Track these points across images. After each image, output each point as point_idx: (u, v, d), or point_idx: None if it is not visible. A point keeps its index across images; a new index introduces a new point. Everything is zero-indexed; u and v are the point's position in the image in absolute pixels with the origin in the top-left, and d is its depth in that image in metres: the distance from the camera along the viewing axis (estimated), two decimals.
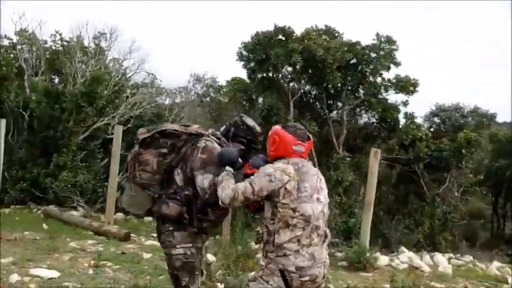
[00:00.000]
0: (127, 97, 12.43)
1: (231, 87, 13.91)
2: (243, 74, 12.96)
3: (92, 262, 5.31)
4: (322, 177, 2.73)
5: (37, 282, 4.58)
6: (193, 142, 2.82)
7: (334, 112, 13.40)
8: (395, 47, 12.50)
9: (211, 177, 2.69)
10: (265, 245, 2.56)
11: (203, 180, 2.70)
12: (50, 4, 25.09)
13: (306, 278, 2.49)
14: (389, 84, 12.80)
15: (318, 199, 2.59)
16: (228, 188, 2.53)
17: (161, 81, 16.39)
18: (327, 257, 2.65)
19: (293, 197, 2.50)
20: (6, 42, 13.08)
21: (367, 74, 12.46)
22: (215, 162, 2.71)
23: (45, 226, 7.59)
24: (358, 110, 13.41)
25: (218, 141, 2.88)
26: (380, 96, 12.83)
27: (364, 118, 13.86)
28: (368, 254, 6.26)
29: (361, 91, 12.87)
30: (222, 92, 15.82)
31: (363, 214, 6.97)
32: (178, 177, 2.80)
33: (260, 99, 13.20)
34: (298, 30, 12.20)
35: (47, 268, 4.98)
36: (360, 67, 12.34)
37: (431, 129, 15.61)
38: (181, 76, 31.82)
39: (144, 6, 33.95)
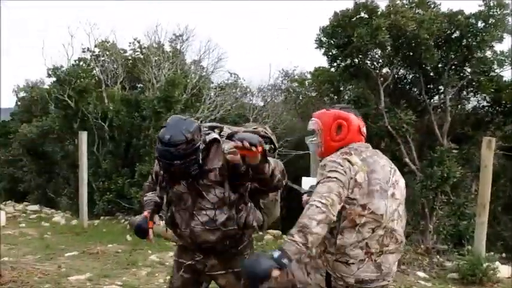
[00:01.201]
0: (207, 99, 12.67)
1: (315, 78, 13.45)
2: (326, 63, 12.41)
3: (168, 277, 5.29)
4: (395, 168, 2.36)
5: None
6: None
7: (436, 97, 12.24)
8: (508, 12, 10.97)
9: None
10: (325, 242, 2.20)
11: None
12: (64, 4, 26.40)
13: None
14: (503, 57, 11.32)
15: (393, 195, 2.23)
16: None
17: (244, 80, 16.56)
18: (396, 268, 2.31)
19: (363, 191, 2.16)
20: (88, 55, 14.11)
21: (474, 48, 11.08)
22: None
23: (128, 237, 7.89)
24: (464, 92, 12.08)
25: None
26: (492, 73, 11.43)
27: (472, 102, 12.44)
28: (485, 265, 5.52)
29: (468, 70, 11.53)
30: (306, 85, 15.46)
31: (477, 217, 6.21)
32: None
33: (348, 90, 12.54)
34: (384, 5, 11.20)
35: (121, 285, 5.07)
36: (464, 41, 11.01)
37: None
38: (262, 72, 31.91)
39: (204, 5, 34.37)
